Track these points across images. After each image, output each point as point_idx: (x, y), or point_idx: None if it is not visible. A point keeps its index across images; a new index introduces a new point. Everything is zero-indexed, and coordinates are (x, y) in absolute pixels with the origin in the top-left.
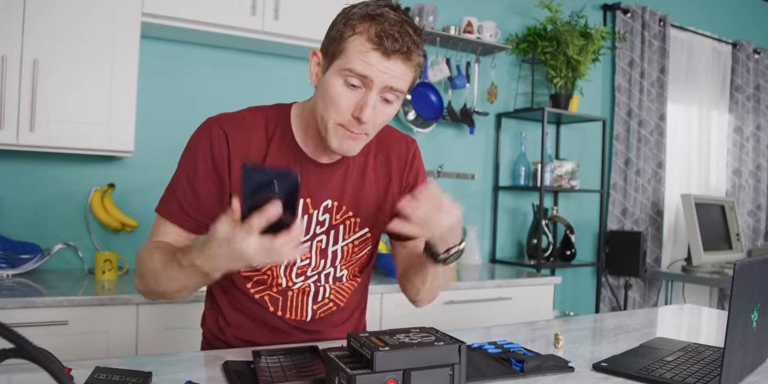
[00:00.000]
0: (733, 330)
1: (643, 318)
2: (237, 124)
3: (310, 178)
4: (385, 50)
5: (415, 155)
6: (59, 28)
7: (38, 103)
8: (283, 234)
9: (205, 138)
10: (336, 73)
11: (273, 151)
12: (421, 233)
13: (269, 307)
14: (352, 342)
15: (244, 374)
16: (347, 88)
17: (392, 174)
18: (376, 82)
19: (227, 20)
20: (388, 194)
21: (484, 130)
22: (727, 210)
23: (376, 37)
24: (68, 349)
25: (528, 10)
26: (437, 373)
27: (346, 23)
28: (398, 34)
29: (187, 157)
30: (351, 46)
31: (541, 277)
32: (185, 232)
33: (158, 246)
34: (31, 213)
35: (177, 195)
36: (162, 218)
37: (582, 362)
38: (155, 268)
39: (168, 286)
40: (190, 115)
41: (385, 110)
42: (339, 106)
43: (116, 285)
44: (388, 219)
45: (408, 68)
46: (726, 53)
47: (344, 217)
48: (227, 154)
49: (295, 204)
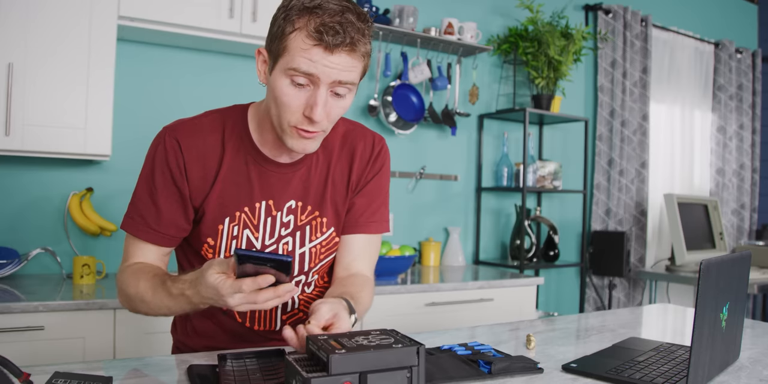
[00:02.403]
0: (700, 329)
1: (625, 318)
2: (191, 130)
3: (270, 179)
4: (327, 45)
5: (379, 154)
6: (34, 32)
7: (13, 107)
8: (269, 290)
9: (161, 150)
10: (281, 72)
11: (229, 154)
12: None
13: (237, 318)
14: (310, 345)
15: (208, 378)
16: (294, 87)
17: (353, 170)
18: (323, 78)
19: (205, 23)
20: (348, 192)
21: (466, 131)
22: (711, 209)
23: (315, 33)
24: (44, 355)
25: (509, 11)
26: (394, 375)
27: (285, 18)
28: (339, 25)
29: (145, 171)
30: (292, 44)
31: (523, 277)
32: (157, 248)
33: (140, 269)
34: (9, 218)
35: (141, 210)
36: (132, 237)
37: (552, 363)
38: (142, 294)
39: (157, 311)
40: (169, 118)
41: (338, 103)
42: (289, 107)
43: (95, 290)
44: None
45: (355, 59)
46: (708, 53)
47: (309, 218)
48: (183, 163)
49: (288, 271)
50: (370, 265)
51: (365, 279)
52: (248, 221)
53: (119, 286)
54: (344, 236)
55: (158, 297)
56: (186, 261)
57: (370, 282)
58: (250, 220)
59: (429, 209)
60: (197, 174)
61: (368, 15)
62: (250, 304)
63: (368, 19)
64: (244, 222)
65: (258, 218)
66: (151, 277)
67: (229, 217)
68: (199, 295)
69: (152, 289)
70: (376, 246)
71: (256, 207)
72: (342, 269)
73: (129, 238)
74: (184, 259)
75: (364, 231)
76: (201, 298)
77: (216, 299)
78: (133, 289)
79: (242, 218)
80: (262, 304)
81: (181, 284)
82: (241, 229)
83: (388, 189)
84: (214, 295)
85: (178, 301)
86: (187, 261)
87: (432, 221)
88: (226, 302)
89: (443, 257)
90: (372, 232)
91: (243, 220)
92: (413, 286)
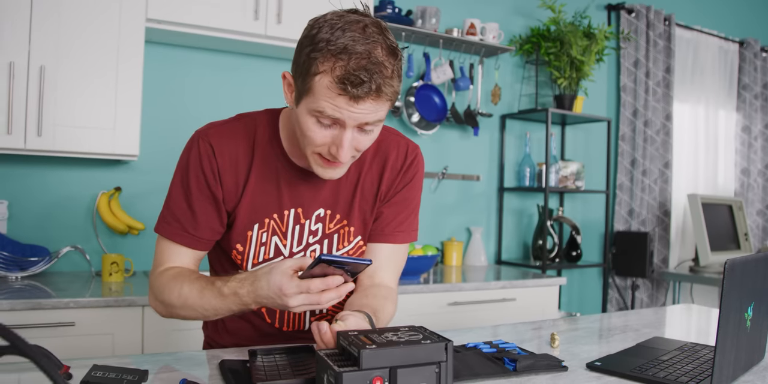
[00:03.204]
0: (725, 328)
1: (648, 318)
2: (224, 135)
3: (300, 187)
4: (352, 96)
5: (411, 163)
6: (65, 35)
7: (45, 109)
8: (332, 290)
9: (195, 154)
10: (306, 111)
11: (258, 160)
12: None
13: (266, 319)
14: (341, 340)
15: (240, 373)
16: (320, 126)
17: (383, 180)
18: (349, 122)
19: (230, 25)
20: (376, 202)
21: (489, 131)
22: (735, 210)
23: (340, 83)
24: (75, 350)
25: (531, 11)
26: (423, 370)
27: (310, 55)
28: (365, 72)
29: (179, 175)
30: (317, 87)
31: (546, 278)
32: (192, 251)
33: (180, 273)
34: (40, 216)
35: (176, 214)
36: (166, 241)
37: (576, 362)
38: (186, 298)
39: (202, 313)
40: (195, 119)
41: (366, 137)
42: (314, 141)
43: (123, 287)
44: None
45: (381, 104)
46: (733, 52)
47: (338, 226)
48: (217, 168)
49: (357, 274)
50: (395, 275)
51: (388, 291)
52: (277, 228)
53: (154, 292)
54: (370, 244)
55: (206, 298)
56: (219, 264)
57: (393, 294)
58: (278, 228)
59: (451, 209)
60: (230, 179)
61: (398, 45)
62: (311, 305)
63: (397, 52)
64: (272, 229)
65: (286, 226)
66: (195, 279)
67: (258, 223)
68: (255, 293)
69: (199, 291)
70: (401, 256)
71: (284, 214)
72: (366, 277)
73: (163, 242)
74: (217, 262)
75: (389, 240)
76: (255, 298)
77: (275, 299)
78: (175, 294)
79: (271, 225)
80: (325, 303)
81: (235, 283)
82: (270, 236)
83: (419, 199)
84: (275, 294)
85: (227, 301)
86: (220, 264)
87: (454, 221)
88: (286, 302)
89: (465, 257)
90: (398, 242)
91: (272, 227)
92: (436, 285)
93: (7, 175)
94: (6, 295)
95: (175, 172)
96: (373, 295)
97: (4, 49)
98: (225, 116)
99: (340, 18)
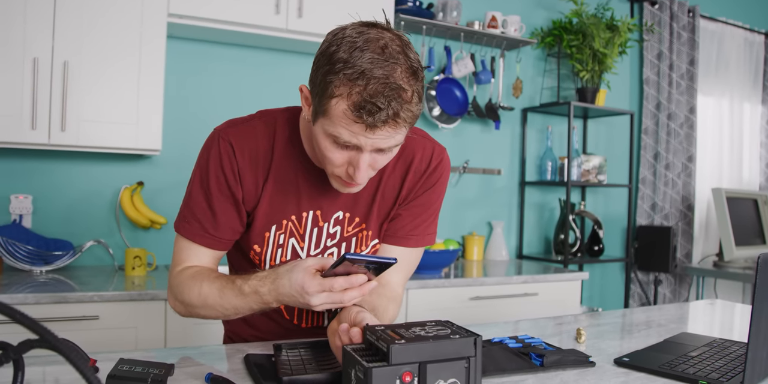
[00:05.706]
0: (758, 324)
1: (672, 313)
2: (243, 134)
3: (319, 189)
4: (368, 124)
5: (436, 168)
6: (88, 31)
7: (68, 104)
8: (355, 288)
9: (214, 153)
10: (323, 132)
11: (278, 160)
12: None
13: (285, 315)
14: (368, 335)
15: (265, 367)
16: (338, 147)
17: (405, 183)
18: (366, 147)
19: (251, 19)
20: (395, 205)
21: (510, 125)
22: (761, 204)
23: (356, 111)
24: (99, 343)
25: (553, 4)
26: (453, 365)
27: (327, 75)
28: (383, 99)
29: (198, 175)
30: (333, 111)
31: (568, 272)
32: (212, 251)
33: (199, 272)
34: (64, 211)
35: (196, 214)
36: (186, 240)
37: (604, 357)
38: (206, 296)
39: (222, 311)
40: (216, 114)
41: (384, 157)
42: (332, 162)
43: (146, 281)
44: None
45: (399, 129)
46: (759, 43)
47: (356, 230)
48: (237, 167)
49: (381, 272)
50: (403, 279)
51: (393, 294)
52: (294, 230)
53: (174, 292)
54: (383, 245)
55: (226, 297)
56: (237, 262)
57: (398, 296)
58: (296, 229)
59: (472, 203)
60: (250, 179)
61: (420, 63)
62: (333, 304)
63: (418, 73)
64: (290, 231)
65: (304, 228)
66: (215, 278)
67: (276, 224)
68: (276, 291)
69: (219, 290)
70: (412, 259)
71: (303, 216)
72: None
73: (182, 241)
74: (236, 260)
75: (402, 244)
76: (277, 296)
77: (297, 297)
78: (194, 294)
79: (289, 227)
80: (347, 302)
81: (255, 281)
82: (287, 237)
83: (439, 203)
84: (297, 292)
85: (248, 299)
86: (239, 262)
87: (475, 215)
88: (308, 301)
89: (486, 251)
90: (410, 246)
91: (290, 228)
92: (457, 280)
93: (32, 170)
94: (31, 288)
95: (194, 170)
96: (377, 293)
97: (28, 45)
98: (246, 111)
99: (360, 34)
